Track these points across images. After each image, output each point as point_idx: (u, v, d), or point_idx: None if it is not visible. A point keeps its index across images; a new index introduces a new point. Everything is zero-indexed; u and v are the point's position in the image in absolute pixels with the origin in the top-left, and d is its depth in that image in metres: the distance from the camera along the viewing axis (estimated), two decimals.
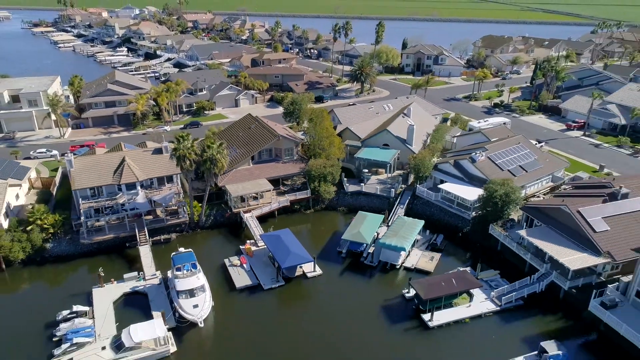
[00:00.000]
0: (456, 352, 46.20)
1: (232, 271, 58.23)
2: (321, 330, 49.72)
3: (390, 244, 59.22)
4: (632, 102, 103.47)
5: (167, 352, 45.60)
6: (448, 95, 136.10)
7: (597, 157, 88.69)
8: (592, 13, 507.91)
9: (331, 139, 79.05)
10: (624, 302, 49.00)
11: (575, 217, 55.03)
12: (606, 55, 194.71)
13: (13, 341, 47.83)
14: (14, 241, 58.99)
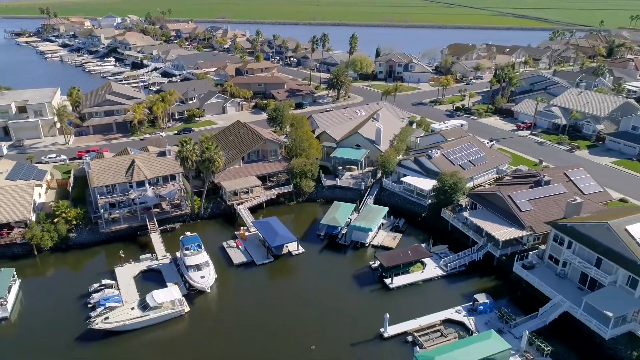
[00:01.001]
0: (411, 306, 59.01)
1: (230, 251, 70.40)
2: (304, 294, 62.23)
3: (359, 226, 72.19)
4: (572, 105, 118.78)
5: (183, 311, 57.54)
6: (416, 100, 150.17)
7: (539, 153, 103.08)
8: (560, 17, 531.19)
9: (310, 141, 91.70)
10: (541, 264, 62.68)
11: (506, 200, 68.69)
12: (562, 61, 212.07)
13: (55, 309, 59.13)
14: (44, 231, 69.98)
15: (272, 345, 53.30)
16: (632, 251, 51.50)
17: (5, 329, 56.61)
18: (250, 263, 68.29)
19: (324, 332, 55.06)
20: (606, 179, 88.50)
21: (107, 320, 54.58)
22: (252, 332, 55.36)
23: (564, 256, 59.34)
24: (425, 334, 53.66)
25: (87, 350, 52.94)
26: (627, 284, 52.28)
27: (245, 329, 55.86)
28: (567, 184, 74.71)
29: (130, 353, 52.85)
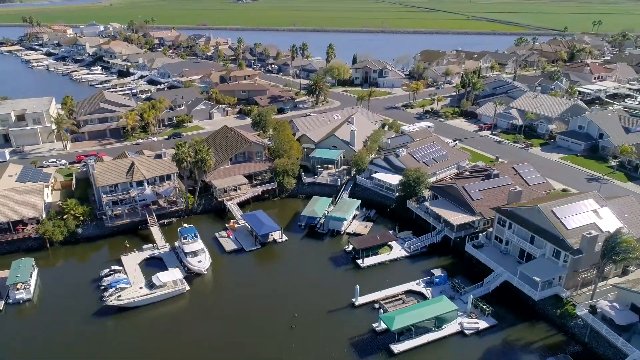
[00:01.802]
0: (378, 280, 69.41)
1: (222, 240, 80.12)
2: (288, 275, 72.42)
3: (335, 216, 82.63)
4: (528, 107, 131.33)
5: (184, 289, 67.09)
6: (389, 104, 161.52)
7: (497, 151, 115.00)
8: (531, 22, 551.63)
9: (291, 143, 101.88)
10: (488, 244, 73.90)
11: (461, 191, 79.83)
12: (527, 65, 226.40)
13: (71, 291, 68.13)
14: (55, 226, 78.62)
15: (261, 316, 63.15)
16: (557, 228, 62.90)
17: (30, 309, 65.39)
18: (240, 250, 78.09)
19: (305, 303, 65.12)
20: (553, 173, 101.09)
21: (120, 298, 63.86)
22: (244, 306, 65.19)
23: (506, 236, 70.68)
24: (390, 302, 64.24)
25: (103, 323, 62.07)
26: (553, 255, 63.63)
27: (237, 304, 65.68)
28: (515, 176, 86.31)
29: (140, 325, 62.13)
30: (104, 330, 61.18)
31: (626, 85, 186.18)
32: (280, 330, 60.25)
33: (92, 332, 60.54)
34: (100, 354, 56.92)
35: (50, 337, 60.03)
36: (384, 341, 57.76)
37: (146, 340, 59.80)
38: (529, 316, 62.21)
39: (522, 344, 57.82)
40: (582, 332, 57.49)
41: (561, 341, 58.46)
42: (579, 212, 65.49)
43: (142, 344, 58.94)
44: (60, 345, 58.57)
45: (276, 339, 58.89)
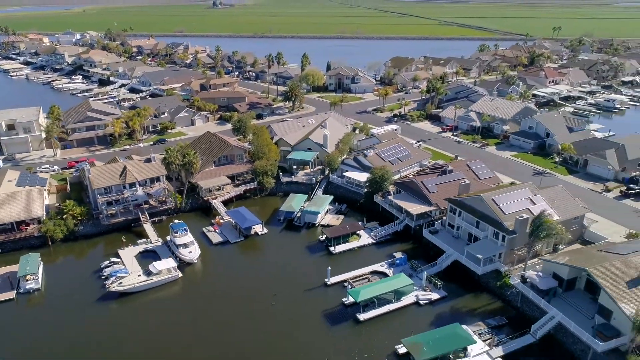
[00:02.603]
0: (348, 264, 79.67)
1: (209, 234, 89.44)
2: (269, 262, 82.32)
3: (311, 210, 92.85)
4: (485, 110, 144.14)
5: (177, 276, 76.22)
6: (361, 108, 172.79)
7: (457, 150, 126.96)
8: (498, 27, 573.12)
9: (269, 146, 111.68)
10: (442, 230, 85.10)
11: (420, 185, 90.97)
12: (490, 70, 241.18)
13: (75, 281, 76.58)
14: (56, 225, 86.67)
15: (246, 296, 72.80)
16: (496, 214, 74.38)
17: (39, 297, 73.57)
18: (225, 242, 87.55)
19: (284, 284, 75.02)
20: (505, 168, 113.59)
21: (121, 284, 72.71)
22: (230, 289, 74.76)
23: (457, 222, 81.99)
24: (357, 280, 74.66)
25: (106, 307, 70.78)
26: (494, 236, 75.06)
27: (224, 288, 75.22)
28: (468, 172, 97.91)
29: (139, 308, 71.00)
30: (108, 313, 69.88)
31: (578, 88, 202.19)
32: (263, 307, 69.98)
33: (97, 315, 69.23)
34: (105, 334, 65.40)
35: (60, 320, 68.41)
36: (351, 312, 68.11)
37: (145, 320, 68.70)
38: (474, 288, 73.46)
39: (467, 310, 68.94)
40: (516, 298, 68.95)
41: (499, 307, 69.84)
42: (515, 199, 77.18)
43: (142, 324, 67.84)
44: (69, 327, 66.93)
45: (259, 314, 68.60)
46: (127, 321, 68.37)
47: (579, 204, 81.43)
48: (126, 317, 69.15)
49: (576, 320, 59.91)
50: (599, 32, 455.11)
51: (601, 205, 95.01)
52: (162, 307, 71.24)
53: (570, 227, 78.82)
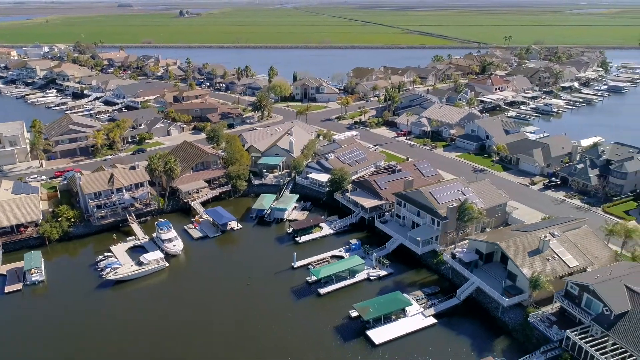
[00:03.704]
0: (311, 251, 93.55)
1: (190, 231, 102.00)
2: (243, 252, 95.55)
3: (279, 207, 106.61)
4: (434, 116, 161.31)
5: (164, 266, 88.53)
6: (325, 116, 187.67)
7: (409, 152, 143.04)
8: (457, 35, 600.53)
9: (241, 153, 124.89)
10: (391, 220, 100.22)
11: (372, 183, 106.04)
12: (445, 78, 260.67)
13: (74, 273, 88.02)
14: (52, 227, 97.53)
15: (225, 280, 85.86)
16: (432, 203, 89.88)
17: (44, 288, 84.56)
18: (205, 237, 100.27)
19: (257, 269, 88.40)
20: (450, 167, 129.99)
21: (116, 274, 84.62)
22: (210, 275, 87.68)
23: (402, 213, 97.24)
24: (319, 263, 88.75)
25: (104, 293, 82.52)
26: (431, 222, 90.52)
27: (205, 274, 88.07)
28: (415, 171, 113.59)
29: (133, 293, 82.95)
30: (105, 298, 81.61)
31: (522, 94, 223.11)
32: (239, 287, 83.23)
33: (96, 300, 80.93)
34: (104, 316, 77.02)
35: (63, 306, 79.73)
36: (314, 288, 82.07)
37: (138, 303, 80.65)
38: (415, 265, 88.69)
39: (409, 283, 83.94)
40: (447, 272, 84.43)
41: (435, 279, 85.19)
42: (448, 192, 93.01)
43: (136, 307, 79.73)
44: (72, 312, 78.21)
45: (236, 293, 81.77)
46: (122, 304, 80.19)
47: (502, 194, 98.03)
48: (121, 301, 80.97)
49: (490, 284, 75.58)
50: (550, 39, 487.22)
51: (527, 196, 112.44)
52: (152, 291, 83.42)
53: (495, 214, 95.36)
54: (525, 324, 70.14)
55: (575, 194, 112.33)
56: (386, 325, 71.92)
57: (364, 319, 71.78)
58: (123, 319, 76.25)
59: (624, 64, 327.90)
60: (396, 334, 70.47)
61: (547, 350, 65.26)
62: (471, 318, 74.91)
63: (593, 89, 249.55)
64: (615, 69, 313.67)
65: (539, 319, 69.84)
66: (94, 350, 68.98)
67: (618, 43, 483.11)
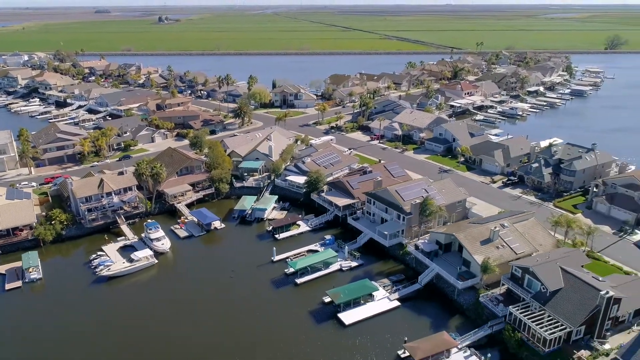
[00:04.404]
0: (290, 246, 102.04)
1: (176, 231, 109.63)
2: (227, 249, 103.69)
3: (259, 207, 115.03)
4: (405, 121, 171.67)
5: (154, 262, 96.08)
6: (303, 122, 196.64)
7: (381, 155, 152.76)
8: (434, 40, 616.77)
9: (223, 158, 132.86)
10: (363, 217, 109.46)
11: (345, 184, 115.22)
12: (418, 84, 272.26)
13: (70, 271, 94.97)
14: (46, 230, 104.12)
15: (209, 273, 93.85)
16: (398, 201, 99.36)
17: (42, 285, 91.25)
18: (191, 236, 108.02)
19: (240, 263, 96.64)
20: (419, 168, 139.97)
21: (109, 270, 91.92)
22: (196, 270, 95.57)
23: (372, 210, 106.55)
24: (296, 256, 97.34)
25: (98, 288, 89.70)
26: (397, 218, 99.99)
27: (192, 269, 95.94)
28: (385, 172, 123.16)
29: (125, 288, 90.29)
30: (100, 292, 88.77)
31: (490, 98, 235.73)
32: (223, 280, 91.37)
33: (92, 295, 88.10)
34: (99, 309, 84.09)
35: (61, 301, 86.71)
36: (291, 278, 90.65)
37: (130, 297, 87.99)
38: (384, 257, 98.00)
39: (377, 272, 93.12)
40: (412, 261, 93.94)
41: (401, 268, 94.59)
42: (413, 189, 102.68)
43: (128, 300, 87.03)
44: (69, 306, 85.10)
45: (221, 285, 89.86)
46: (115, 298, 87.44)
47: (462, 192, 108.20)
48: (115, 296, 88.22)
49: (448, 270, 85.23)
50: (521, 44, 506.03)
51: (487, 193, 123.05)
52: (143, 285, 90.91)
53: (456, 209, 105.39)
54: (477, 304, 79.91)
55: (530, 191, 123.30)
56: (355, 309, 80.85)
57: (335, 303, 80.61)
58: (117, 310, 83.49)
59: (588, 68, 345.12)
60: (364, 316, 79.45)
61: (493, 325, 74.96)
62: (431, 301, 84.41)
63: (557, 92, 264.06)
64: (580, 73, 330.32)
65: (488, 299, 79.66)
66: (90, 340, 75.94)
67: (585, 48, 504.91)
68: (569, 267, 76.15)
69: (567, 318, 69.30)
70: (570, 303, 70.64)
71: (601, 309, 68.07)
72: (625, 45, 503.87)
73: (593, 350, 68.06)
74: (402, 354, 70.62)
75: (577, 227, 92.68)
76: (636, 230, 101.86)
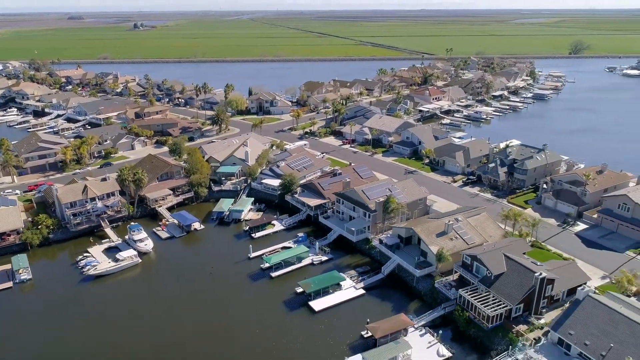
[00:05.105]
0: (265, 244, 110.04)
1: (158, 232, 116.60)
2: (206, 248, 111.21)
3: (236, 209, 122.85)
4: (374, 125, 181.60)
5: (137, 262, 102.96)
6: (278, 128, 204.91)
7: (352, 158, 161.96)
8: (408, 46, 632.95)
9: (202, 163, 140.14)
10: (333, 215, 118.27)
11: (316, 185, 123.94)
12: (390, 90, 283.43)
13: (58, 272, 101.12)
14: (33, 234, 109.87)
15: (191, 271, 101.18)
16: (363, 199, 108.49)
17: (31, 285, 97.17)
18: (172, 237, 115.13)
19: (218, 260, 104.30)
20: (386, 170, 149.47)
21: (95, 270, 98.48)
22: (178, 268, 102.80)
23: (342, 209, 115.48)
24: (271, 253, 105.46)
25: (86, 287, 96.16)
26: (363, 215, 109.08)
27: (174, 267, 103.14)
28: (354, 174, 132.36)
29: (111, 285, 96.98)
30: (87, 290, 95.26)
31: (457, 103, 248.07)
32: (203, 276, 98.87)
33: (79, 293, 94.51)
34: (86, 306, 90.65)
35: (51, 299, 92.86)
36: (267, 273, 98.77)
37: (116, 294, 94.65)
38: (351, 251, 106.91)
39: (345, 265, 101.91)
40: (376, 254, 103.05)
41: (367, 261, 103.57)
42: (377, 189, 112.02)
43: (114, 297, 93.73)
44: (58, 304, 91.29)
45: (201, 280, 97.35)
46: (101, 296, 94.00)
47: (423, 190, 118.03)
48: (101, 293, 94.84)
49: (408, 261, 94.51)
50: (491, 49, 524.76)
51: (448, 191, 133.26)
52: (129, 283, 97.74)
53: (417, 206, 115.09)
54: (433, 289, 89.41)
55: (487, 189, 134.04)
56: (324, 297, 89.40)
57: (307, 293, 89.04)
58: (104, 307, 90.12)
59: (551, 73, 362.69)
60: (332, 303, 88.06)
61: (446, 307, 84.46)
62: (393, 288, 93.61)
63: (520, 96, 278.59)
64: (544, 78, 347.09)
65: (443, 284, 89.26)
66: (79, 335, 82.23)
67: (550, 52, 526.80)
68: (512, 254, 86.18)
69: (508, 297, 79.14)
70: (511, 285, 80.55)
71: (536, 289, 78.07)
72: (588, 50, 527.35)
73: (530, 325, 77.95)
74: (365, 334, 79.33)
75: (523, 220, 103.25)
76: (577, 222, 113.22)
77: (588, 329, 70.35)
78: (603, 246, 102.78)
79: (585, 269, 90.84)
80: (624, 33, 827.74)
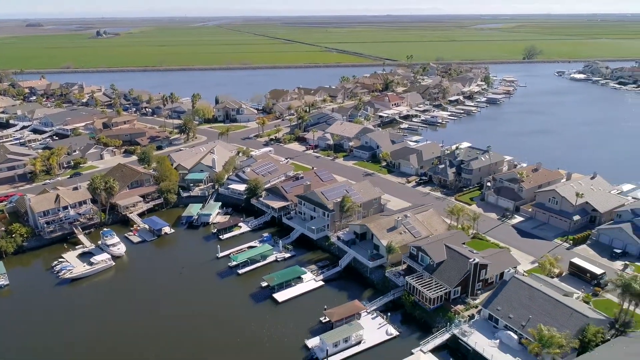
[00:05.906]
0: (232, 244, 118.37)
1: (130, 237, 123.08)
2: (176, 251, 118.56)
3: (205, 213, 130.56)
4: (336, 131, 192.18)
5: (111, 265, 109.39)
6: (245, 135, 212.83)
7: (315, 163, 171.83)
8: (372, 52, 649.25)
9: (170, 171, 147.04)
10: (295, 216, 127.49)
11: (280, 189, 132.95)
12: (352, 96, 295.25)
13: (34, 277, 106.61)
14: (7, 242, 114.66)
15: (161, 271, 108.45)
16: (322, 200, 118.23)
17: (9, 290, 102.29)
18: (143, 241, 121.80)
19: (188, 260, 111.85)
20: (346, 173, 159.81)
21: (71, 273, 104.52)
22: (150, 269, 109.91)
23: (303, 209, 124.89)
24: (238, 252, 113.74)
25: (62, 289, 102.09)
26: (323, 215, 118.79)
27: (146, 269, 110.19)
28: (315, 177, 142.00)
29: (87, 288, 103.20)
30: (64, 293, 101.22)
31: (415, 108, 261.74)
32: (174, 276, 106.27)
33: (56, 296, 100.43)
34: (63, 307, 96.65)
35: (29, 302, 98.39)
36: (234, 270, 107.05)
37: (92, 295, 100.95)
38: (312, 248, 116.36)
39: (307, 260, 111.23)
40: (335, 250, 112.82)
41: (327, 256, 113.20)
42: (335, 191, 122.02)
43: (90, 298, 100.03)
44: (36, 306, 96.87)
45: (171, 280, 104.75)
46: (78, 297, 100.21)
47: (377, 190, 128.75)
48: (77, 295, 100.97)
49: (362, 254, 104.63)
50: (450, 55, 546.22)
51: (402, 191, 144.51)
52: (103, 285, 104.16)
53: (372, 205, 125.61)
54: (384, 279, 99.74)
55: (437, 188, 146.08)
56: (287, 289, 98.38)
57: (271, 286, 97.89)
58: (77, 309, 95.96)
59: (505, 78, 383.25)
60: (294, 294, 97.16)
61: (395, 293, 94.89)
62: (349, 280, 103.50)
63: (475, 101, 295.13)
64: (498, 82, 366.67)
65: (393, 274, 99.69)
66: (57, 336, 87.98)
67: (505, 58, 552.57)
68: (452, 244, 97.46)
69: (447, 281, 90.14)
70: (450, 270, 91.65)
71: (470, 273, 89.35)
72: (540, 55, 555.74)
73: (466, 305, 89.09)
74: (323, 319, 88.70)
75: (465, 214, 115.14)
76: (515, 215, 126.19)
77: (512, 304, 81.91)
78: (535, 235, 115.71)
79: (518, 255, 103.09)
80: (576, 38, 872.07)
